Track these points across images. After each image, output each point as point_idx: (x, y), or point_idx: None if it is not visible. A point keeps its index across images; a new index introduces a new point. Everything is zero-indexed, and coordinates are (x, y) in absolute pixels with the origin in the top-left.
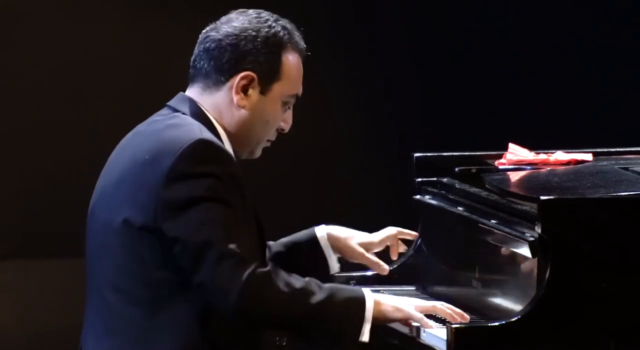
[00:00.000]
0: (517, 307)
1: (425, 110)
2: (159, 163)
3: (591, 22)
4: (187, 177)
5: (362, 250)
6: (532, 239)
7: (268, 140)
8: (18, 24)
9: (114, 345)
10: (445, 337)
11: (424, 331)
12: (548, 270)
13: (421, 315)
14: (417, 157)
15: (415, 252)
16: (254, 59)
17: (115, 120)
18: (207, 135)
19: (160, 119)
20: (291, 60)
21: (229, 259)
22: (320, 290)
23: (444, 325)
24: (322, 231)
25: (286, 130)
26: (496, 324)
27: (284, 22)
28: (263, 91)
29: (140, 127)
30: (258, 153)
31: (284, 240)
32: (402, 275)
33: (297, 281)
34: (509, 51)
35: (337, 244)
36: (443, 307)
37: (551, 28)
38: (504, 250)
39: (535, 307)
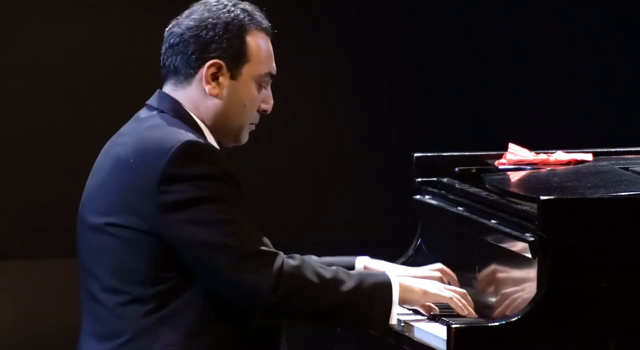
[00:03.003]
0: (517, 307)
1: (425, 110)
2: (147, 166)
3: (591, 22)
4: (182, 180)
5: None
6: (532, 239)
7: (251, 124)
8: (18, 24)
9: (115, 345)
10: (434, 333)
11: (415, 328)
12: (548, 270)
13: (451, 295)
14: (417, 157)
15: (415, 252)
16: (217, 46)
17: (115, 120)
18: (192, 135)
19: (141, 119)
20: (256, 41)
21: (250, 257)
22: (349, 279)
23: (433, 320)
24: (360, 262)
25: (269, 111)
26: (496, 324)
27: (243, 5)
28: (233, 76)
29: (123, 129)
30: (244, 139)
31: (323, 259)
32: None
33: (326, 271)
34: (509, 51)
35: None
36: (461, 299)
37: (552, 28)
38: (504, 250)
39: (535, 307)
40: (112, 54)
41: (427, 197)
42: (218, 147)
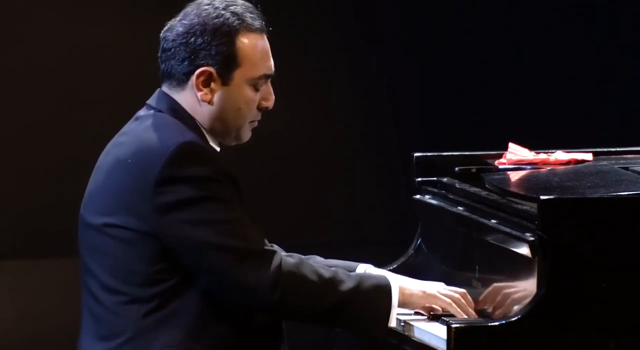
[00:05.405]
0: (517, 307)
1: (425, 110)
2: (145, 167)
3: (591, 21)
4: (179, 181)
5: None
6: (532, 239)
7: (252, 121)
8: (18, 24)
9: (116, 345)
10: (434, 333)
11: (416, 328)
12: (548, 270)
13: (449, 301)
14: (417, 157)
15: (415, 252)
16: (206, 53)
17: (115, 120)
18: (189, 136)
19: (140, 118)
20: (248, 43)
21: (249, 256)
22: (348, 279)
23: (433, 320)
24: (361, 269)
25: (270, 107)
26: (496, 324)
27: (234, 7)
28: (225, 82)
29: (124, 128)
30: (245, 137)
31: (328, 261)
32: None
33: (326, 271)
34: (509, 51)
35: None
36: (460, 304)
37: (551, 28)
38: (504, 250)
39: (535, 307)
40: (112, 54)
41: (427, 197)
42: (218, 147)
